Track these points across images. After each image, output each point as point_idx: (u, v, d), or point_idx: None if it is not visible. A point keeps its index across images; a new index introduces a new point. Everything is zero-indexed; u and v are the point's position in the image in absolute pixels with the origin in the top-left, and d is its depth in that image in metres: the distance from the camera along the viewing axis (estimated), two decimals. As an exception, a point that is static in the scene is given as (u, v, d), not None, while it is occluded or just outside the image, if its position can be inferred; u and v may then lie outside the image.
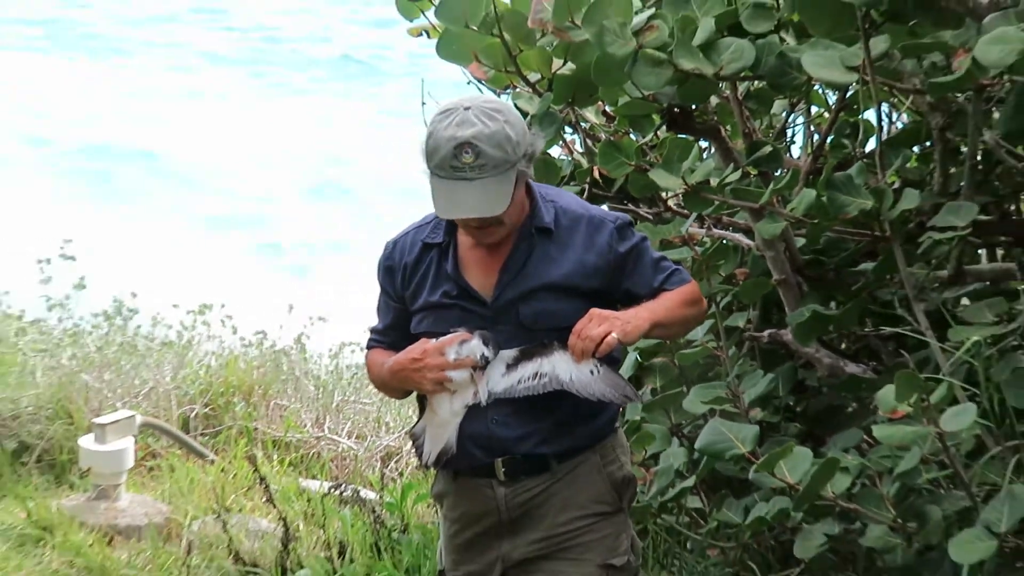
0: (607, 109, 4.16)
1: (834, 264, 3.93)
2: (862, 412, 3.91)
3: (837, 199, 3.44)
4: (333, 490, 5.26)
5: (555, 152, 4.27)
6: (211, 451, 6.34)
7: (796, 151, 4.35)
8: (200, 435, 6.52)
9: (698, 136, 3.93)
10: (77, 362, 6.75)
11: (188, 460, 6.16)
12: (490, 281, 3.03)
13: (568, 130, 4.20)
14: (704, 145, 4.13)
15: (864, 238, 3.65)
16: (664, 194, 4.04)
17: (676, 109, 3.77)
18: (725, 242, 4.02)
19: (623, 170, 3.83)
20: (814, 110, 4.24)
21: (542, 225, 3.01)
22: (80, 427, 6.25)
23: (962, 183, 3.57)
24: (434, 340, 3.00)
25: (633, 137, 4.10)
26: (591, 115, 4.14)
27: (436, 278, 3.07)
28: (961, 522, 3.19)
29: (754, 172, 3.75)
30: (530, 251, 3.01)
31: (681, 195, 3.82)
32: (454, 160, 2.83)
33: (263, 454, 6.30)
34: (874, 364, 3.91)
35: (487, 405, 3.00)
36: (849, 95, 3.70)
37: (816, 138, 3.95)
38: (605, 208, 3.25)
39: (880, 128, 3.63)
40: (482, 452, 3.06)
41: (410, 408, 6.63)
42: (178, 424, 6.50)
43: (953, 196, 3.56)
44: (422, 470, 6.04)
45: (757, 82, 3.74)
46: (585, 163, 4.14)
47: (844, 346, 4.04)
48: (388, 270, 3.14)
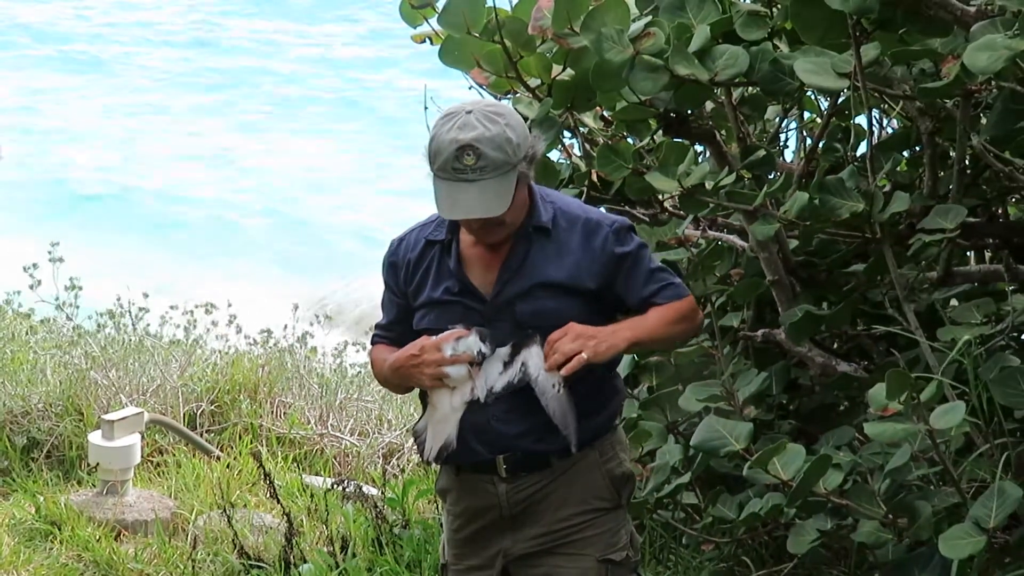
0: (605, 114, 4.15)
1: (826, 265, 3.93)
2: (854, 410, 3.91)
3: (829, 202, 3.47)
4: (336, 486, 5.22)
5: (554, 156, 4.26)
6: (217, 447, 6.30)
7: (789, 155, 4.34)
8: (206, 432, 6.50)
9: (694, 140, 3.93)
10: (86, 360, 6.74)
11: (194, 456, 6.13)
12: (490, 278, 3.05)
13: (567, 134, 4.19)
14: (699, 149, 4.13)
15: (855, 240, 3.67)
16: (660, 197, 4.04)
17: (672, 114, 3.77)
18: (720, 243, 4.02)
19: (621, 173, 3.83)
20: (806, 115, 4.21)
21: (540, 224, 3.03)
22: (89, 423, 6.22)
23: (951, 186, 3.59)
24: (434, 337, 3.03)
25: (630, 141, 4.09)
26: (589, 120, 4.13)
27: (438, 275, 3.08)
28: (951, 518, 3.22)
29: (748, 175, 3.76)
30: (528, 250, 3.03)
31: (677, 197, 3.84)
32: (456, 162, 2.87)
33: (267, 450, 6.26)
34: (865, 363, 3.92)
35: (488, 402, 3.01)
36: (841, 101, 3.73)
37: (808, 142, 3.94)
38: (604, 211, 3.25)
39: (871, 133, 3.62)
40: (484, 448, 3.08)
41: (412, 406, 6.63)
42: (184, 421, 6.47)
43: (942, 199, 3.59)
44: (424, 466, 6.08)
45: (751, 88, 3.75)
46: (583, 166, 4.13)
47: (836, 345, 4.03)
48: (392, 266, 3.16)
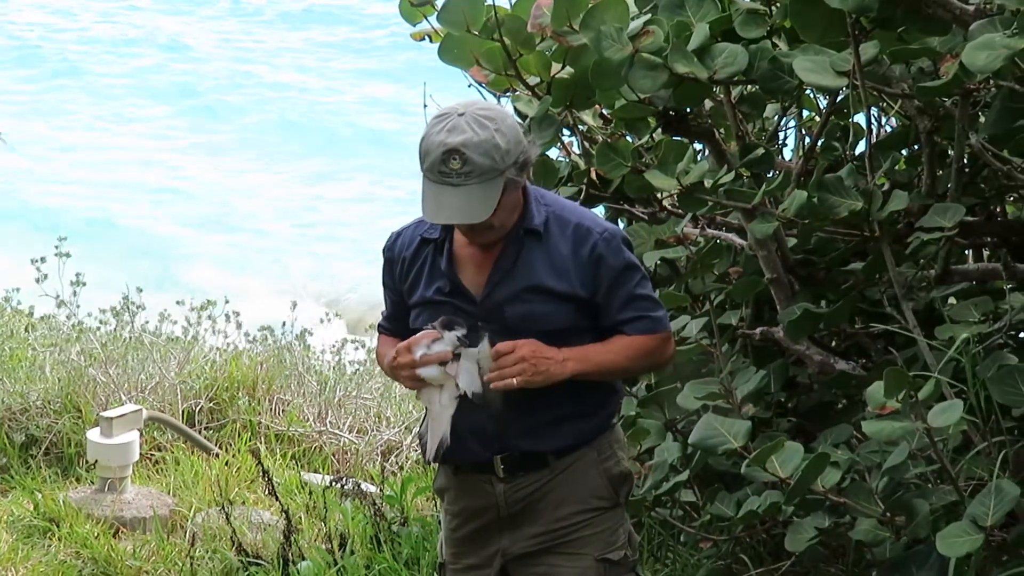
0: (604, 112, 4.16)
1: (825, 263, 3.93)
2: (852, 408, 3.91)
3: (828, 200, 3.48)
4: (334, 483, 5.22)
5: (553, 154, 4.26)
6: (215, 445, 6.32)
7: (788, 153, 4.34)
8: (204, 429, 6.50)
9: (693, 138, 3.94)
10: (85, 357, 6.74)
11: (193, 453, 6.13)
12: (481, 279, 3.04)
13: (566, 132, 4.19)
14: (698, 147, 4.12)
15: (854, 238, 3.68)
16: (659, 195, 4.04)
17: (671, 112, 3.78)
18: (719, 242, 4.02)
19: (620, 171, 3.85)
20: (805, 114, 4.22)
21: (531, 227, 3.02)
22: (87, 421, 6.23)
23: (949, 185, 3.60)
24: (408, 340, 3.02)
25: (629, 139, 4.12)
26: (588, 118, 4.13)
27: (431, 274, 3.08)
28: (948, 516, 3.22)
29: (747, 174, 3.77)
30: (519, 252, 3.02)
31: (676, 196, 3.85)
32: (442, 165, 2.86)
33: (266, 448, 6.26)
34: (863, 361, 3.93)
35: (485, 402, 3.01)
36: (839, 99, 3.73)
37: (807, 141, 3.95)
38: (600, 217, 3.19)
39: (870, 131, 3.63)
40: (481, 448, 3.09)
41: (410, 404, 6.64)
42: (183, 418, 6.48)
43: (940, 198, 3.59)
44: (425, 465, 6.10)
45: (750, 86, 3.76)
46: (583, 164, 4.13)
47: (834, 343, 4.03)
48: (388, 262, 3.17)
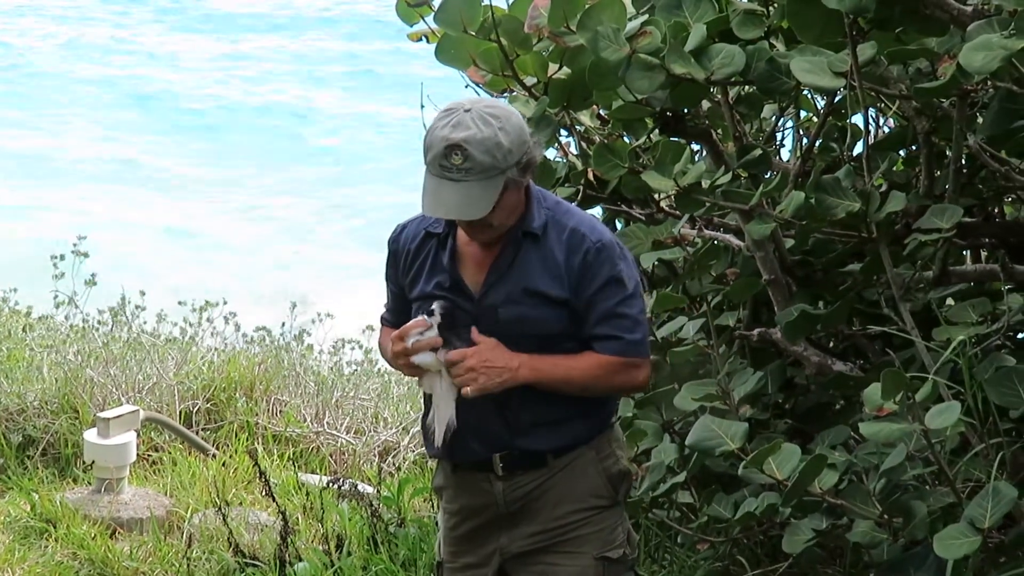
0: (601, 113, 4.16)
1: (822, 264, 3.93)
2: (849, 409, 3.91)
3: (825, 201, 3.48)
4: (331, 484, 5.24)
5: (550, 154, 4.26)
6: (212, 445, 6.32)
7: (785, 154, 4.34)
8: (202, 430, 6.50)
9: (690, 139, 3.94)
10: (82, 358, 6.73)
11: (190, 454, 6.13)
12: (480, 278, 3.05)
13: (563, 133, 4.20)
14: (696, 148, 4.14)
15: (851, 239, 3.68)
16: (656, 196, 4.05)
17: (668, 113, 3.79)
18: (716, 243, 4.02)
19: (617, 172, 3.86)
20: (803, 114, 4.23)
21: (529, 230, 3.02)
22: (84, 421, 6.23)
23: (947, 186, 3.60)
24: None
25: (626, 140, 4.13)
26: (586, 118, 4.13)
27: (432, 269, 3.08)
28: (946, 518, 3.22)
29: (744, 175, 3.76)
30: (516, 254, 3.02)
31: (673, 197, 3.86)
32: (444, 160, 2.86)
33: (263, 449, 6.26)
34: (861, 362, 3.92)
35: (485, 400, 3.00)
36: (837, 100, 3.73)
37: (805, 142, 3.96)
38: (600, 225, 3.13)
39: (867, 132, 3.65)
40: (480, 446, 3.09)
41: (408, 404, 6.65)
42: (180, 419, 6.47)
43: (938, 199, 3.59)
44: (420, 464, 6.10)
45: (747, 87, 3.76)
46: (580, 165, 4.13)
47: (832, 345, 4.03)
48: (392, 254, 3.17)
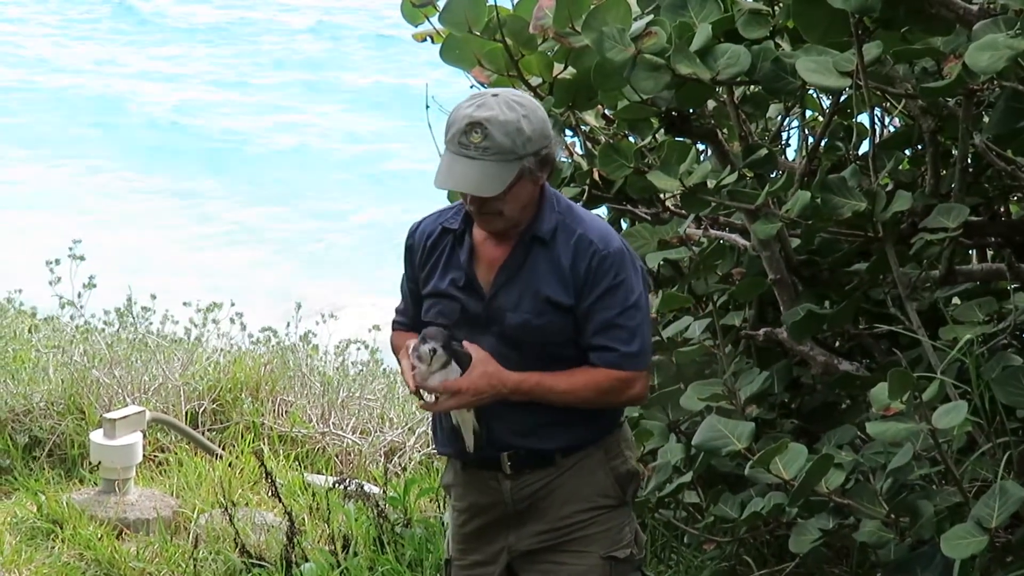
0: (607, 112, 4.18)
1: (828, 264, 3.93)
2: (856, 409, 3.91)
3: (831, 201, 3.48)
4: (338, 485, 5.25)
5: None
6: (218, 446, 6.32)
7: (791, 154, 4.33)
8: (208, 430, 6.51)
9: (695, 139, 3.94)
10: (88, 359, 6.74)
11: (196, 455, 6.14)
12: (491, 277, 3.05)
13: (569, 133, 4.21)
14: (701, 148, 4.13)
15: (857, 239, 3.67)
16: (662, 195, 4.05)
17: (674, 113, 3.80)
18: (722, 242, 4.02)
19: (622, 172, 3.86)
20: (808, 114, 4.22)
21: (538, 234, 3.02)
22: (91, 422, 6.23)
23: (953, 185, 3.60)
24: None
25: (632, 140, 4.13)
26: (591, 118, 4.15)
27: (447, 265, 3.09)
28: (953, 517, 3.22)
29: (750, 174, 3.77)
30: (526, 256, 3.03)
31: (679, 196, 3.86)
32: (463, 136, 2.89)
33: (269, 449, 6.26)
34: (867, 362, 3.92)
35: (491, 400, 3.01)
36: (843, 99, 3.73)
37: (810, 141, 3.94)
38: (610, 232, 3.09)
39: (873, 131, 3.63)
40: (488, 445, 3.10)
41: (414, 405, 6.63)
42: (186, 419, 6.48)
43: (944, 198, 3.60)
44: (426, 464, 6.10)
45: (753, 86, 3.77)
46: (585, 165, 4.14)
47: (838, 344, 4.02)
48: (409, 249, 3.18)
